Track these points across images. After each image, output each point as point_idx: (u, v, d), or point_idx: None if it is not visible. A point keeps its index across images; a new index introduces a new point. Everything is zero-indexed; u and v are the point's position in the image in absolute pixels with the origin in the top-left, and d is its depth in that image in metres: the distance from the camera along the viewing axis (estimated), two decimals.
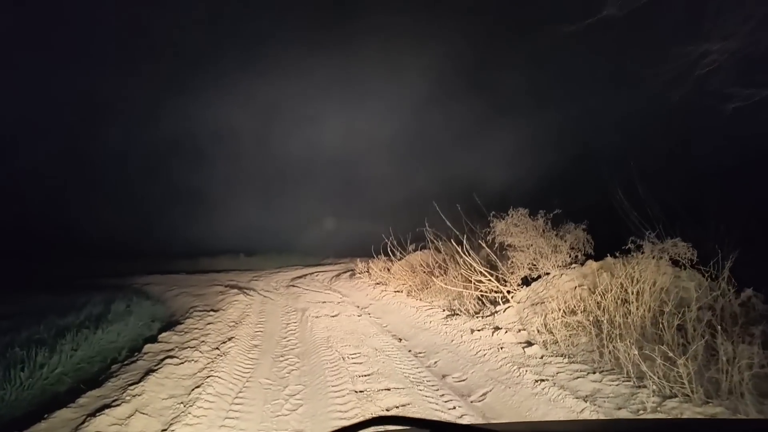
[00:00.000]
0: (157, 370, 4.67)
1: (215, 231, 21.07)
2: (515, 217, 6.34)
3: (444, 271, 9.08)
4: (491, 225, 6.60)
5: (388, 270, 11.61)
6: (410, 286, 9.88)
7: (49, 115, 19.18)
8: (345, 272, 15.09)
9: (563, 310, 5.13)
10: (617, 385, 3.96)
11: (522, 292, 6.22)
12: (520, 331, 5.49)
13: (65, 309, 7.94)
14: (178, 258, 18.66)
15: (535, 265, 6.26)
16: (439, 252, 9.66)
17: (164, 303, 10.01)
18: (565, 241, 6.05)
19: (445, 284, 7.65)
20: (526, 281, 6.53)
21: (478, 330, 5.87)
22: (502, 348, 5.18)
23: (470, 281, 7.28)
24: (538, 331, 5.16)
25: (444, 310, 7.32)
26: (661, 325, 4.19)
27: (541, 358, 4.79)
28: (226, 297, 9.52)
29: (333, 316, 7.82)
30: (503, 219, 6.54)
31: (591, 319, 4.89)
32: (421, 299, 8.55)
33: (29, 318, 7.04)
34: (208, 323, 6.98)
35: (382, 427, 1.13)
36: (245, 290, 10.61)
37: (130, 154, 22.28)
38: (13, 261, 16.07)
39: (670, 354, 3.68)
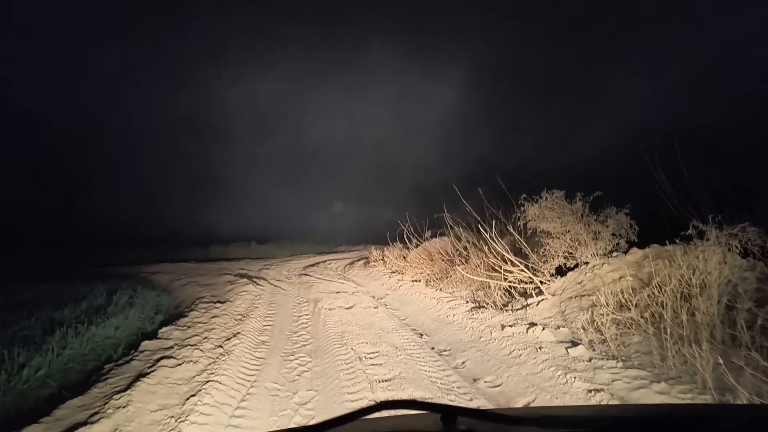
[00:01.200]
0: (149, 373, 4.05)
1: (227, 219, 20.61)
2: (549, 200, 5.59)
3: (465, 260, 8.39)
4: (522, 209, 5.85)
5: (405, 258, 10.94)
6: (428, 275, 9.21)
7: (56, 99, 18.65)
8: (359, 260, 14.46)
9: (612, 305, 4.40)
10: (691, 398, 3.25)
11: (557, 283, 5.50)
12: (559, 327, 4.77)
13: (64, 300, 7.40)
14: (189, 246, 18.20)
15: (571, 253, 5.53)
16: (460, 239, 8.95)
17: (170, 293, 9.46)
18: (607, 227, 5.29)
19: (469, 274, 6.95)
20: (560, 271, 5.81)
21: (510, 325, 5.17)
22: (540, 348, 4.47)
23: (496, 270, 6.58)
24: (583, 329, 4.45)
25: (467, 302, 6.63)
26: (740, 326, 3.46)
27: (590, 361, 4.08)
28: (234, 287, 8.93)
29: (347, 308, 7.17)
30: (535, 202, 5.78)
31: (646, 315, 4.16)
32: (441, 289, 7.87)
33: (22, 310, 6.50)
34: (214, 316, 6.37)
35: (393, 410, 1.13)
36: (255, 280, 10.02)
37: (144, 142, 21.75)
38: (22, 249, 15.69)
39: (764, 362, 2.96)
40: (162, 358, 4.52)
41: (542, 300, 5.38)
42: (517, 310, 5.65)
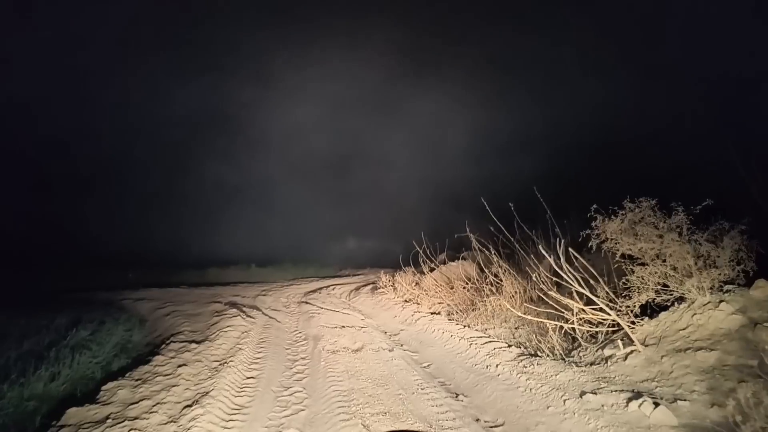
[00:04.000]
0: None
1: (227, 240, 18.99)
2: (637, 212, 3.97)
3: (495, 289, 6.74)
4: (593, 225, 4.22)
5: (417, 284, 9.29)
6: (450, 305, 7.55)
7: (43, 109, 17.33)
8: (365, 285, 12.76)
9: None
10: None
11: (648, 327, 3.86)
12: (677, 401, 3.10)
13: (4, 338, 5.79)
14: (185, 268, 16.55)
15: (666, 285, 3.90)
16: (484, 264, 7.31)
17: (145, 326, 7.82)
18: (722, 248, 3.67)
19: (522, 312, 5.29)
20: (644, 310, 4.17)
21: (593, 392, 3.49)
22: None
23: (543, 301, 4.93)
24: (739, 413, 2.77)
25: (509, 346, 4.96)
26: None
27: None
28: (221, 319, 7.29)
29: (355, 351, 5.52)
30: (608, 216, 4.17)
31: None
32: (468, 326, 6.19)
33: None
34: (181, 364, 4.73)
35: None
36: (247, 309, 8.37)
37: (139, 160, 20.36)
38: (5, 271, 14.08)
39: None
40: None
41: (631, 352, 3.73)
42: (591, 364, 3.98)
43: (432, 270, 9.45)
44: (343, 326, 6.98)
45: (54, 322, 7.08)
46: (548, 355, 4.42)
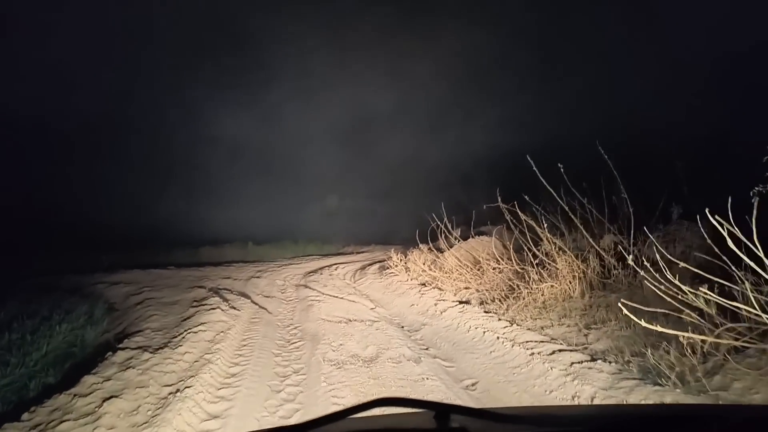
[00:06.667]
0: None
1: (222, 216, 17.23)
2: None
3: (543, 271, 5.08)
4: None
5: (435, 264, 7.65)
6: (480, 291, 5.92)
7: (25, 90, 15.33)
8: (371, 264, 11.10)
9: None
10: None
11: None
12: None
13: None
14: (176, 247, 14.88)
15: None
16: (525, 238, 5.62)
17: (110, 317, 6.23)
18: None
19: (586, 301, 3.64)
20: None
21: None
22: None
23: (612, 289, 3.29)
24: None
25: (594, 359, 3.33)
26: None
27: None
28: (197, 312, 5.69)
29: (368, 362, 3.88)
30: None
31: None
32: (515, 321, 4.53)
33: None
34: (113, 395, 3.09)
35: (387, 408, 0.99)
36: (233, 297, 6.76)
37: (130, 132, 18.43)
38: None
39: None
40: None
41: None
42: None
43: (451, 247, 7.81)
44: (349, 320, 5.35)
45: None
46: (665, 377, 2.78)
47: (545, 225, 4.88)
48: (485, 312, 4.99)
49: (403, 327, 5.16)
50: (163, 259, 13.13)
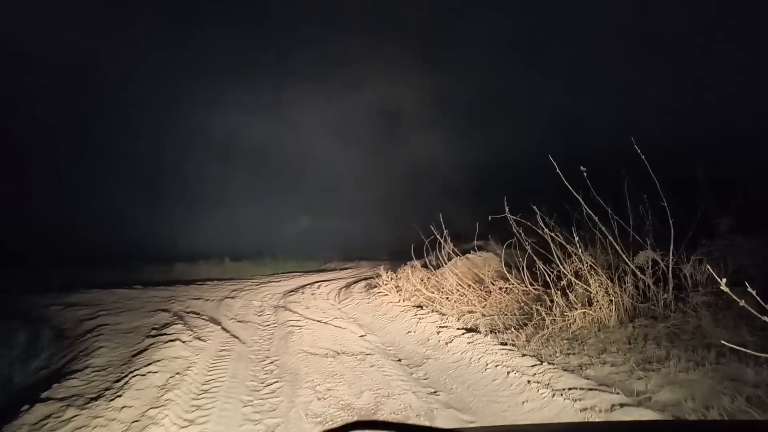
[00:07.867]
0: None
1: (198, 231, 16.07)
2: None
3: (566, 294, 4.27)
4: None
5: (429, 281, 6.80)
6: (487, 316, 5.08)
7: None
8: (356, 282, 10.18)
9: None
10: None
11: None
12: None
13: None
14: (148, 263, 13.66)
15: None
16: (538, 255, 4.84)
17: (48, 351, 5.18)
18: None
19: (635, 338, 2.83)
20: None
21: None
22: None
23: (661, 318, 2.50)
24: None
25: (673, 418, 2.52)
26: None
27: None
28: (153, 345, 4.69)
29: (365, 417, 2.98)
30: None
31: None
32: (541, 357, 3.69)
33: None
34: None
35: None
36: (199, 324, 5.76)
37: (101, 140, 17.15)
38: None
39: None
40: None
41: None
42: None
43: (450, 259, 7.00)
44: (337, 353, 4.43)
45: None
46: None
47: (577, 239, 4.08)
48: (500, 344, 4.13)
49: (401, 361, 4.27)
50: (133, 277, 11.93)
